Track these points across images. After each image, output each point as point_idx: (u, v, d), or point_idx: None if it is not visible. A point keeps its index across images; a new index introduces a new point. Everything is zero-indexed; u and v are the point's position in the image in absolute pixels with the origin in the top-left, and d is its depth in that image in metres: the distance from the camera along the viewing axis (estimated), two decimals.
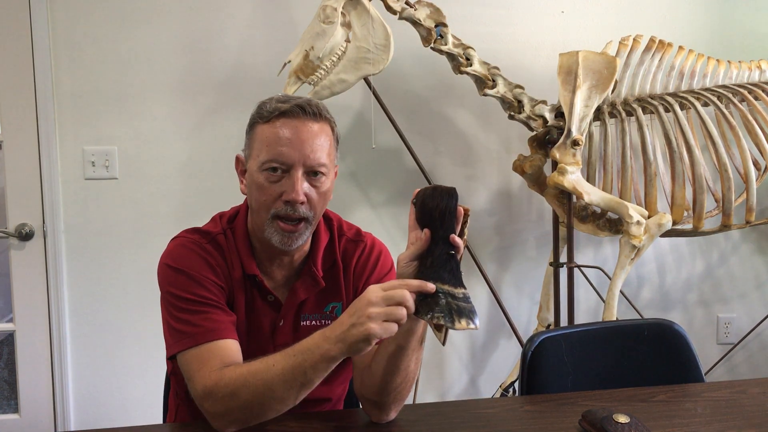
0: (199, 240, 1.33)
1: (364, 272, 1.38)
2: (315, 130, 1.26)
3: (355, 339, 1.06)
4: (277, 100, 1.28)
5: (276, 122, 1.25)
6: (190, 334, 1.23)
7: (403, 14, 2.14)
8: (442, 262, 1.10)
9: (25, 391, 2.41)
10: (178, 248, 1.32)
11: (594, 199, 2.17)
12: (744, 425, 1.25)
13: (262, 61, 2.43)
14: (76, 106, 2.37)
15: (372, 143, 2.45)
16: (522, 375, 1.52)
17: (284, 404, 1.14)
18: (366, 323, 1.05)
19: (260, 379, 1.13)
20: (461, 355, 2.70)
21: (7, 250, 2.38)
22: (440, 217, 1.11)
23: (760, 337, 2.88)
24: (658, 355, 1.59)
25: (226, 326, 1.25)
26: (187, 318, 1.24)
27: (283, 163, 1.24)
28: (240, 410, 1.15)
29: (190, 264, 1.28)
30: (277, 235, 1.26)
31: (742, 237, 2.83)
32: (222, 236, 1.34)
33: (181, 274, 1.27)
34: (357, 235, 1.42)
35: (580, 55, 2.20)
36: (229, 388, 1.14)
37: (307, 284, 1.35)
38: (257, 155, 1.26)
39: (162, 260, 1.32)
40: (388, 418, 1.27)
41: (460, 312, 1.06)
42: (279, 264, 1.35)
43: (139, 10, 2.37)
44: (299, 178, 1.24)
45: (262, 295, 1.34)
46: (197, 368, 1.20)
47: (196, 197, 2.45)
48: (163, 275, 1.30)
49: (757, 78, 2.44)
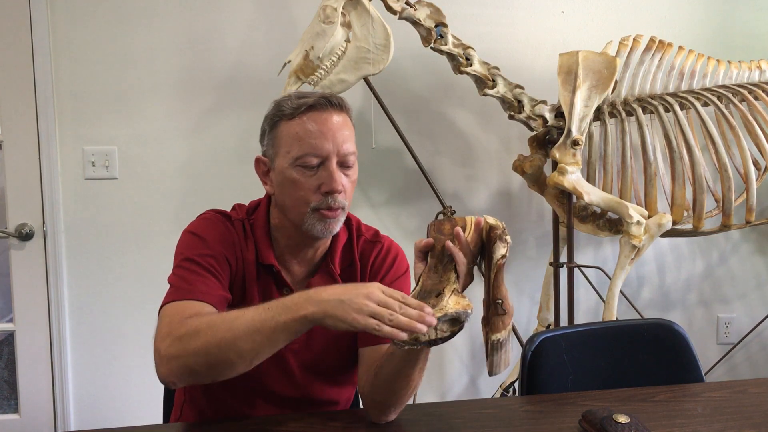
0: (222, 219, 1.34)
1: (380, 272, 1.38)
2: (341, 121, 1.27)
3: (337, 314, 1.05)
4: (297, 97, 1.28)
5: (303, 117, 1.25)
6: (181, 288, 1.23)
7: (403, 14, 2.14)
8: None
9: (25, 391, 2.41)
10: (203, 220, 1.34)
11: (594, 199, 2.17)
12: (744, 425, 1.25)
13: (262, 61, 2.43)
14: (76, 106, 2.37)
15: (372, 143, 2.45)
16: (522, 375, 1.52)
17: (241, 358, 1.09)
18: (354, 312, 1.04)
19: (226, 324, 1.10)
20: (461, 355, 2.70)
21: (7, 250, 2.38)
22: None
23: (760, 337, 2.88)
24: (658, 355, 1.59)
25: (217, 297, 1.24)
26: (185, 275, 1.25)
27: (319, 155, 1.24)
28: (194, 354, 1.10)
29: (208, 233, 1.30)
30: (320, 223, 1.27)
31: (742, 237, 2.83)
32: (240, 223, 1.35)
33: (198, 238, 1.29)
34: (375, 236, 1.43)
35: (580, 55, 2.20)
36: (193, 327, 1.11)
37: (325, 281, 1.34)
38: (287, 152, 1.26)
39: (185, 229, 1.34)
40: (388, 419, 1.27)
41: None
42: (301, 258, 1.35)
43: (139, 10, 2.37)
44: (335, 168, 1.25)
45: (279, 288, 1.34)
46: (170, 314, 1.18)
47: (196, 197, 2.45)
48: (181, 240, 1.32)
49: (757, 78, 2.44)
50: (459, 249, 1.17)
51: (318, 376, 1.37)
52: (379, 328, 1.04)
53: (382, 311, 1.05)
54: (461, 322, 1.09)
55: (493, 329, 1.17)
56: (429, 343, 1.09)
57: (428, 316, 1.05)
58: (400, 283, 1.39)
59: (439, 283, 1.15)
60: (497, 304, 1.17)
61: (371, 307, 1.05)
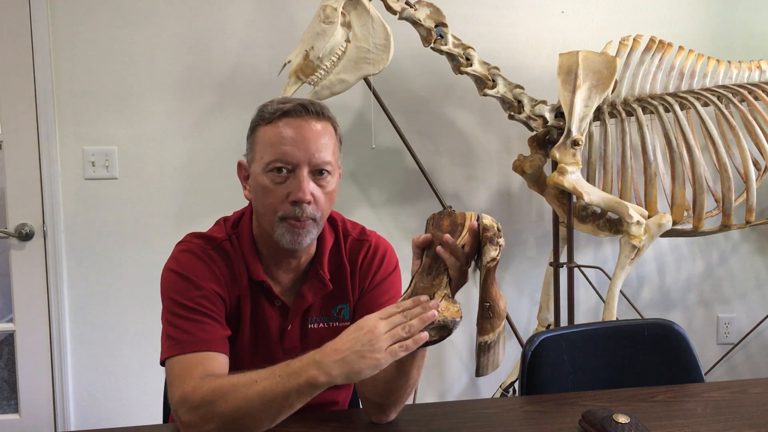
0: (204, 246, 1.30)
1: (369, 271, 1.37)
2: (319, 129, 1.24)
3: (362, 367, 1.05)
4: (278, 102, 1.25)
5: (278, 122, 1.22)
6: (181, 341, 1.21)
7: (403, 14, 2.14)
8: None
9: (25, 391, 2.41)
10: (183, 254, 1.29)
11: (594, 199, 2.17)
12: (744, 425, 1.25)
13: (262, 61, 2.43)
14: (76, 106, 2.37)
15: (372, 143, 2.45)
16: (522, 375, 1.52)
17: (260, 425, 1.10)
18: (375, 353, 1.04)
19: (240, 394, 1.08)
20: (461, 355, 2.70)
21: (7, 250, 2.38)
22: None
23: (760, 337, 2.88)
24: (658, 355, 1.59)
25: (219, 340, 1.23)
26: (182, 325, 1.22)
27: (288, 162, 1.21)
28: (213, 423, 1.09)
29: (193, 270, 1.26)
30: (288, 234, 1.23)
31: (742, 237, 2.83)
32: (227, 242, 1.31)
33: (184, 279, 1.25)
34: (362, 234, 1.40)
35: (580, 55, 2.20)
36: (207, 397, 1.10)
37: (315, 287, 1.33)
38: (261, 157, 1.23)
39: (166, 266, 1.29)
40: (388, 419, 1.27)
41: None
42: (286, 268, 1.33)
43: (139, 10, 2.37)
44: (305, 177, 1.21)
45: (269, 301, 1.32)
46: (179, 374, 1.17)
47: (196, 197, 2.45)
48: (165, 280, 1.28)
49: (757, 78, 2.44)
50: (450, 254, 1.14)
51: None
52: (407, 349, 1.05)
53: (397, 333, 1.06)
54: (449, 330, 1.09)
55: (481, 331, 1.16)
56: (431, 343, 1.09)
57: (426, 303, 1.08)
58: (390, 281, 1.37)
59: (431, 287, 1.14)
60: (485, 307, 1.16)
61: (385, 339, 1.05)
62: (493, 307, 1.16)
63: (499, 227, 1.16)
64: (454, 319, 1.09)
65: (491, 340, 1.15)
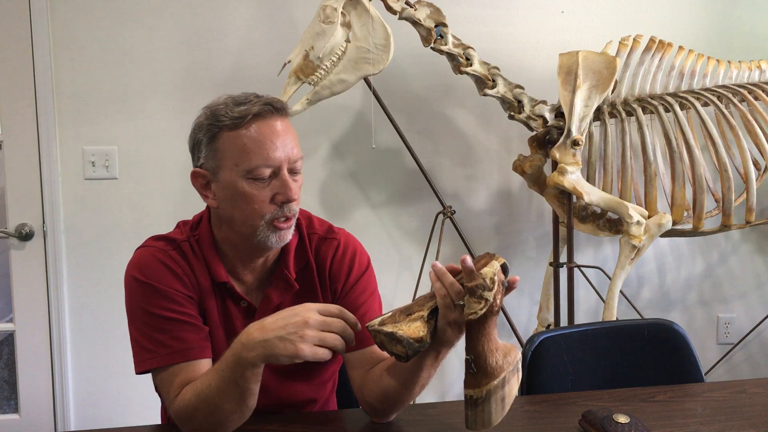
0: (164, 247, 1.28)
1: (341, 272, 1.34)
2: (286, 125, 1.24)
3: (281, 353, 1.06)
4: (234, 104, 1.23)
5: (250, 126, 1.20)
6: (159, 354, 1.21)
7: (403, 14, 2.14)
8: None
9: (25, 391, 2.41)
10: (144, 258, 1.27)
11: (594, 199, 2.17)
12: (744, 425, 1.25)
13: (262, 61, 2.43)
14: (76, 106, 2.37)
15: (372, 143, 2.45)
16: (522, 375, 1.52)
17: (238, 413, 1.14)
18: (298, 343, 1.05)
19: (204, 401, 1.13)
20: (461, 355, 2.69)
21: (7, 250, 2.38)
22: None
23: (760, 337, 2.87)
24: (658, 355, 1.59)
25: (196, 344, 1.23)
26: (155, 336, 1.22)
27: (271, 165, 1.20)
28: (202, 428, 1.16)
29: (157, 276, 1.24)
30: (274, 235, 1.23)
31: (742, 237, 2.82)
32: (186, 243, 1.30)
33: (148, 287, 1.23)
34: (329, 232, 1.37)
35: (580, 55, 2.20)
36: (186, 413, 1.16)
37: (281, 288, 1.31)
38: (235, 164, 1.20)
39: (128, 271, 1.27)
40: (389, 419, 1.27)
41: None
42: (252, 268, 1.31)
43: (139, 10, 2.37)
44: (288, 176, 1.22)
45: (235, 302, 1.31)
46: (167, 390, 1.21)
47: (196, 197, 2.43)
48: (129, 288, 1.27)
49: (757, 78, 2.44)
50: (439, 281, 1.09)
51: (290, 377, 1.33)
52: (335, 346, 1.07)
53: (325, 335, 1.07)
54: (402, 343, 1.05)
55: (465, 384, 1.07)
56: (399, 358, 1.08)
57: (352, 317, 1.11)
58: (365, 279, 1.35)
59: (421, 306, 1.10)
60: (467, 361, 1.05)
61: (313, 333, 1.06)
62: (478, 362, 1.04)
63: (492, 280, 1.02)
64: (409, 339, 1.05)
65: (477, 396, 1.04)
